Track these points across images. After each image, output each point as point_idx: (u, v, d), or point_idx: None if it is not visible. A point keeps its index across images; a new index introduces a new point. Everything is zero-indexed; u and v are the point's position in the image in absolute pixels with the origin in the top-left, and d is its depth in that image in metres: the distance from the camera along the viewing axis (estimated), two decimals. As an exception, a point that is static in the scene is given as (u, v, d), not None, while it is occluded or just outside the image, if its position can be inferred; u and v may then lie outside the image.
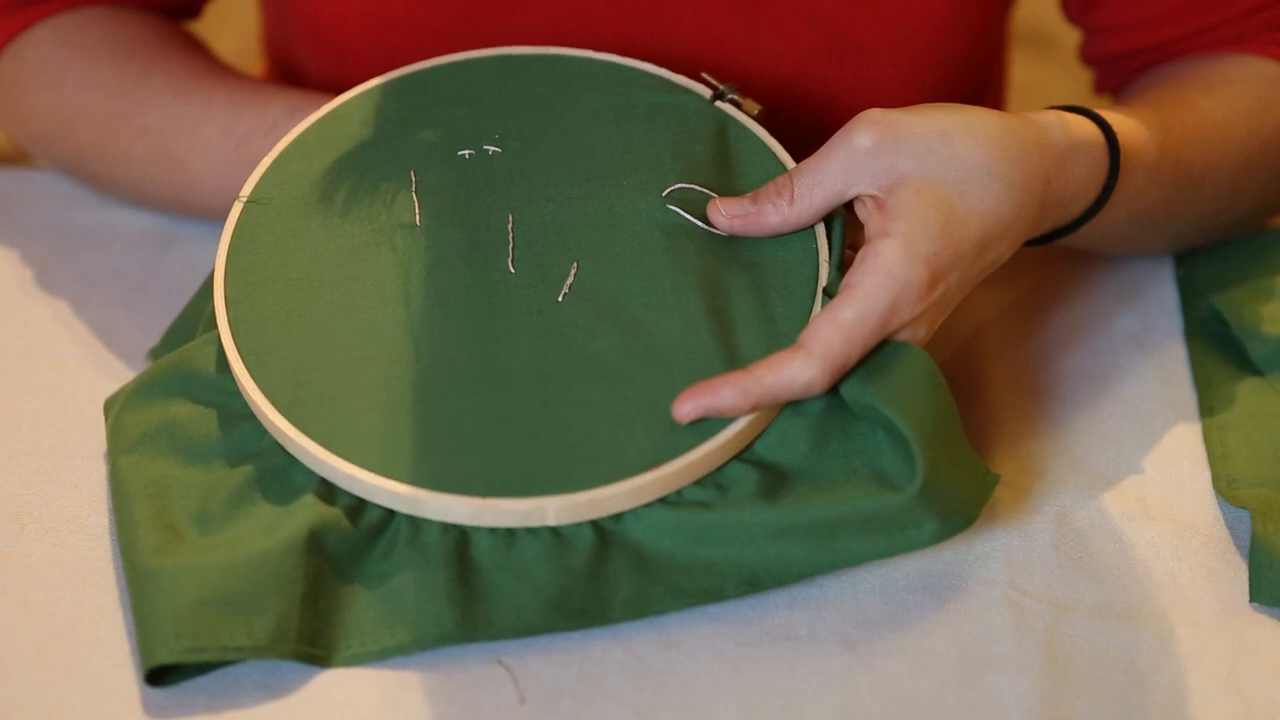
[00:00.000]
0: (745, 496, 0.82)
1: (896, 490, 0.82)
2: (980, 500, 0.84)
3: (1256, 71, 1.03)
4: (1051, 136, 0.88)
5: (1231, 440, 0.93)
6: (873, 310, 0.83)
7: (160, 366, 0.88)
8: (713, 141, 0.92)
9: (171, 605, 0.79)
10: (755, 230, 0.88)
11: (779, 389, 0.83)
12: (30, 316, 1.00)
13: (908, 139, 0.85)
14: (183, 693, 0.79)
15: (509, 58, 0.96)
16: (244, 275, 0.89)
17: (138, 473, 0.85)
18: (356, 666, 0.80)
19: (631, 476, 0.82)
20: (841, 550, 0.82)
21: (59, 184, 1.10)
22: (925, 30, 1.06)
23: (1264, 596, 0.85)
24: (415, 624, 0.80)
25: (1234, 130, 1.01)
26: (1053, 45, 2.11)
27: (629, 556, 0.82)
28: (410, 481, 0.82)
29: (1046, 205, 0.88)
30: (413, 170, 0.92)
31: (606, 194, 0.90)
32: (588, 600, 0.81)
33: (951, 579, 0.85)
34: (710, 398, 0.83)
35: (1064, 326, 1.01)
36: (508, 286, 0.87)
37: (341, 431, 0.83)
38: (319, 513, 0.82)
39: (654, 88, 0.94)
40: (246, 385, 0.85)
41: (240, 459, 0.85)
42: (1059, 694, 0.80)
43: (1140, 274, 1.05)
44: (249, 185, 0.92)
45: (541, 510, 0.81)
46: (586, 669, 0.81)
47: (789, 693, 0.80)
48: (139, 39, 1.06)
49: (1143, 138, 0.95)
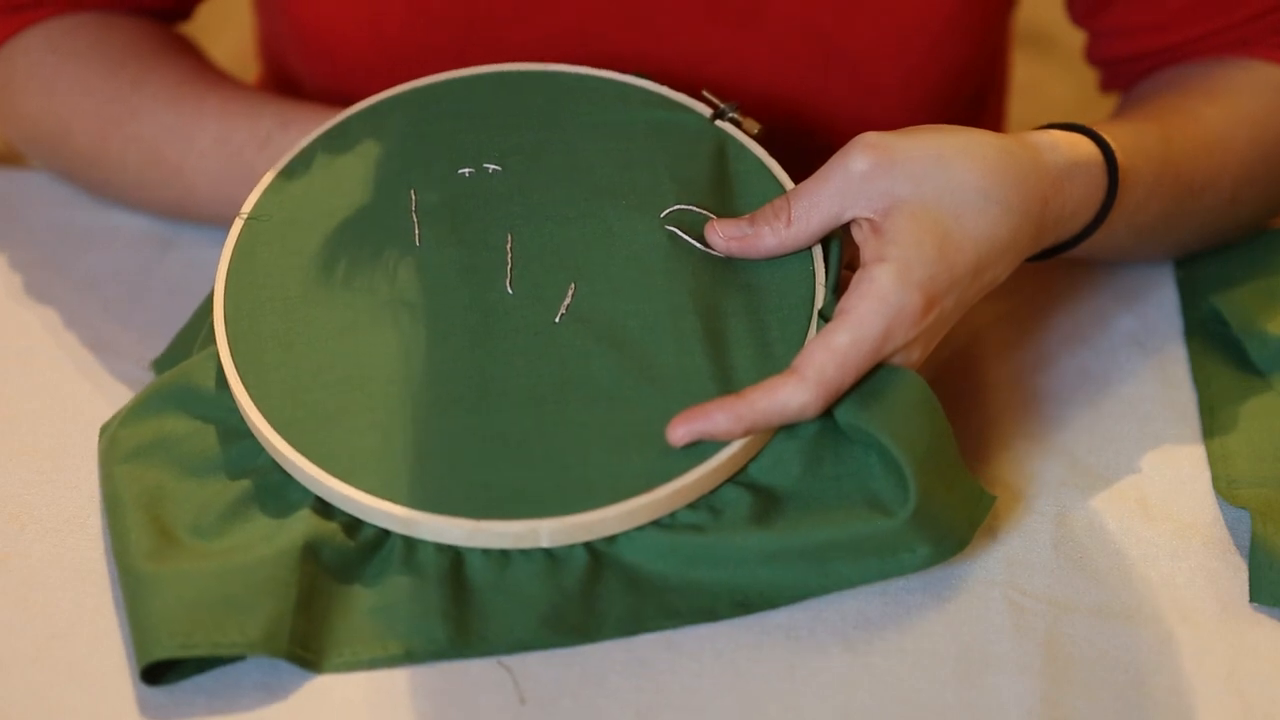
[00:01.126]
0: (738, 520, 0.83)
1: (889, 515, 0.83)
2: (974, 523, 0.85)
3: (1261, 77, 1.03)
4: (1048, 158, 0.89)
5: (1231, 440, 0.93)
6: (867, 336, 0.83)
7: (158, 384, 0.88)
8: (712, 161, 0.92)
9: (165, 606, 0.79)
10: (752, 252, 0.88)
11: (772, 414, 0.83)
12: (30, 317, 1.00)
13: (904, 163, 0.86)
14: (182, 693, 0.79)
15: (508, 74, 0.96)
16: (243, 293, 0.89)
17: (132, 482, 0.85)
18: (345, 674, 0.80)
19: (625, 500, 0.82)
20: (833, 574, 0.83)
21: (59, 184, 1.10)
22: (923, 37, 1.06)
23: (1264, 596, 0.85)
24: (407, 638, 0.81)
25: (1235, 140, 1.01)
26: (1053, 45, 2.11)
27: (622, 577, 0.82)
28: (405, 503, 0.82)
29: (1044, 226, 0.89)
30: (413, 189, 0.92)
31: (605, 214, 0.90)
32: (580, 618, 0.82)
33: (951, 579, 0.85)
34: (703, 422, 0.83)
35: (1064, 327, 1.01)
36: (505, 307, 0.87)
37: (337, 451, 0.84)
38: (315, 526, 0.82)
39: (653, 104, 0.94)
40: (244, 404, 0.85)
41: (237, 474, 0.85)
42: (1059, 694, 0.80)
43: (1140, 274, 1.05)
44: (250, 202, 0.92)
45: (535, 533, 0.82)
46: (586, 669, 0.81)
47: (789, 693, 0.80)
48: (131, 45, 1.06)
49: (1142, 153, 0.95)
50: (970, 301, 0.87)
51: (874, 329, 0.84)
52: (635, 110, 0.94)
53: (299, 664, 0.80)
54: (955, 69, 1.08)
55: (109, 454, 0.87)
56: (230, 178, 1.00)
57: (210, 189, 1.01)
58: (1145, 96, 1.05)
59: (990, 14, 1.09)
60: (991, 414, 0.95)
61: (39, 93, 1.05)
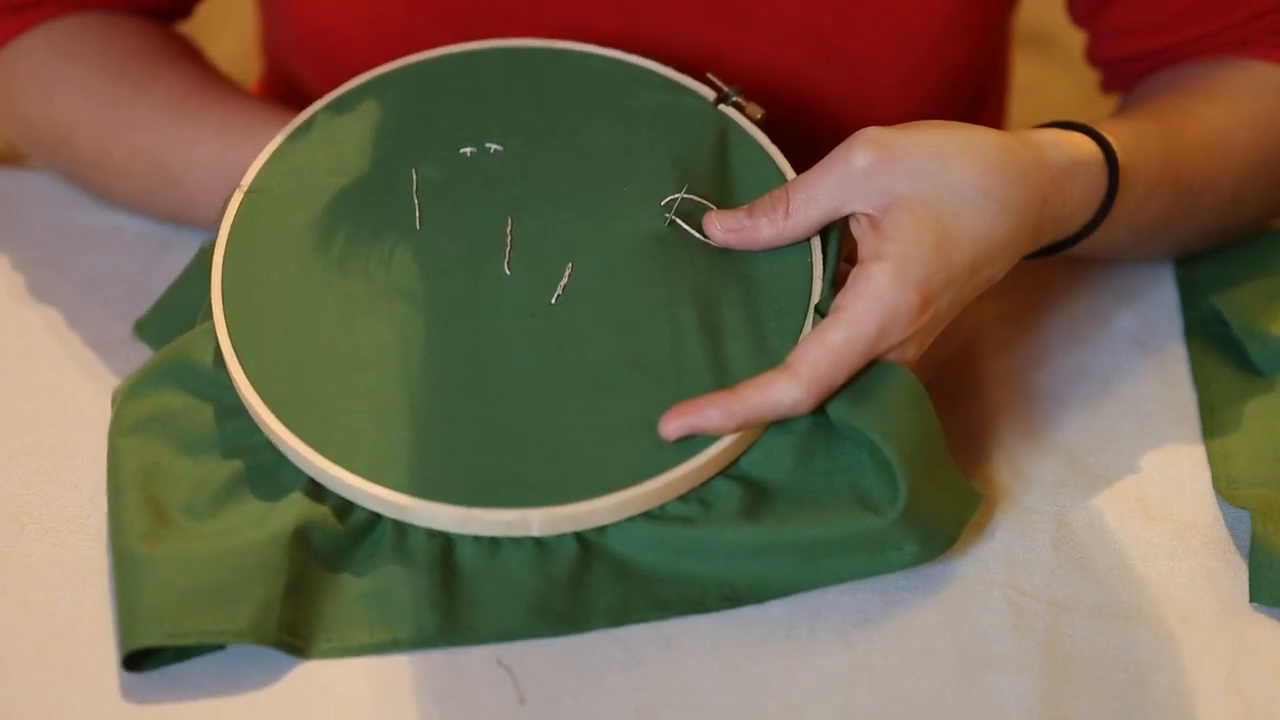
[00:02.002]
0: (728, 514, 0.83)
1: (878, 513, 0.83)
2: (962, 521, 0.85)
3: (1262, 78, 1.03)
4: (1049, 156, 0.89)
5: (1231, 440, 0.93)
6: (861, 334, 0.84)
7: (160, 358, 0.88)
8: (713, 147, 0.92)
9: (155, 592, 0.79)
10: (749, 244, 0.88)
11: (764, 409, 0.83)
12: (30, 316, 1.00)
13: (904, 160, 0.86)
14: (182, 690, 0.79)
15: (513, 49, 0.96)
16: (242, 267, 0.88)
17: (131, 457, 0.85)
18: (349, 660, 0.80)
19: (616, 491, 0.82)
20: (821, 569, 0.83)
21: (59, 184, 1.10)
22: (923, 37, 1.06)
23: (1264, 596, 0.85)
24: (396, 625, 0.81)
25: (1236, 141, 1.01)
26: (1053, 45, 2.11)
27: (611, 567, 0.83)
28: (396, 487, 0.82)
29: (1042, 225, 0.89)
30: (414, 168, 0.92)
31: (606, 200, 0.90)
32: (569, 607, 0.82)
33: (951, 579, 0.85)
34: (696, 417, 0.83)
35: (1064, 326, 1.01)
36: (504, 289, 0.87)
37: (332, 433, 0.83)
38: (306, 510, 0.82)
39: (657, 87, 0.94)
40: (240, 382, 0.85)
41: (232, 453, 0.85)
42: (1059, 694, 0.80)
43: (1140, 274, 1.05)
44: (250, 174, 0.92)
45: (525, 521, 0.82)
46: (586, 669, 0.81)
47: (789, 692, 0.80)
48: (132, 49, 1.05)
49: (1143, 153, 0.95)
50: (967, 299, 0.87)
51: (869, 327, 0.84)
52: (639, 92, 0.94)
53: (286, 650, 0.80)
54: (955, 69, 1.08)
55: (114, 427, 0.87)
56: (229, 193, 1.00)
57: (210, 202, 1.01)
58: (1146, 97, 1.05)
59: (990, 13, 1.09)
60: (990, 412, 0.95)
61: (39, 95, 1.05)
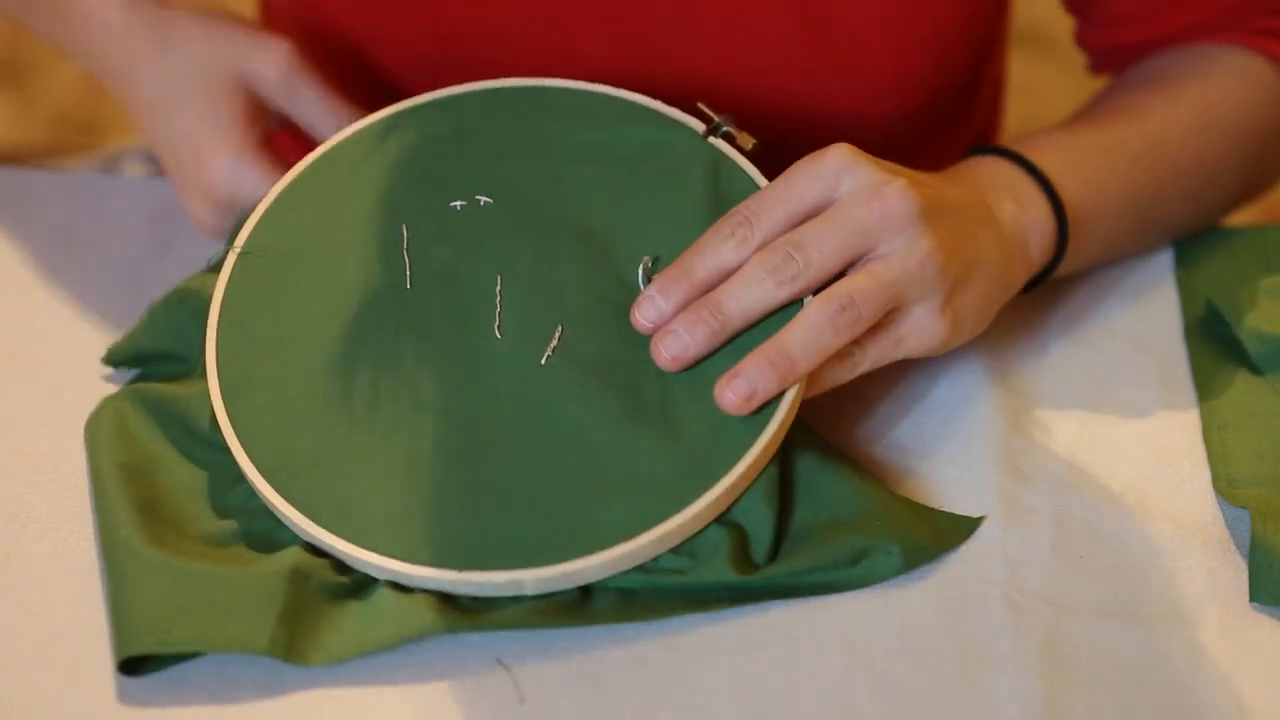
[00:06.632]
0: (718, 564, 0.83)
1: (864, 542, 0.84)
2: (947, 541, 0.86)
3: (1238, 64, 1.06)
4: (1008, 229, 0.94)
5: (1231, 440, 0.93)
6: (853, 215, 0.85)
7: (154, 398, 0.89)
8: (703, 183, 0.90)
9: (149, 602, 0.80)
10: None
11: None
12: (30, 316, 1.00)
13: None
14: (183, 692, 0.79)
15: (496, 90, 0.94)
16: (236, 331, 0.89)
17: (122, 485, 0.86)
18: (349, 660, 0.80)
19: (607, 548, 0.82)
20: (806, 591, 0.84)
21: (59, 184, 1.10)
22: (917, 31, 1.06)
23: (1264, 596, 0.85)
24: (395, 626, 0.81)
25: (1215, 122, 1.05)
26: (1053, 45, 2.12)
27: (609, 596, 0.83)
28: (388, 554, 0.82)
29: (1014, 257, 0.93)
30: (405, 224, 0.91)
31: (593, 254, 0.89)
32: (572, 615, 0.82)
33: (951, 579, 0.85)
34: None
35: (1063, 326, 1.01)
36: (493, 352, 0.87)
37: (324, 499, 0.84)
38: (306, 560, 0.83)
39: (645, 121, 0.93)
40: (235, 451, 0.85)
41: (228, 514, 0.86)
42: (1059, 694, 0.80)
43: (1140, 274, 1.05)
44: (243, 235, 0.92)
45: (518, 583, 0.82)
46: (586, 669, 0.81)
47: (789, 693, 0.80)
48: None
49: (1099, 182, 0.99)
50: (972, 251, 0.88)
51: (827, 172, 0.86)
52: (627, 130, 0.92)
53: (281, 658, 0.80)
54: (948, 64, 1.09)
55: (105, 460, 0.87)
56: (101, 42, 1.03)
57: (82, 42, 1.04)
58: (1130, 85, 1.07)
59: (984, 8, 1.09)
60: (989, 412, 0.95)
61: None
